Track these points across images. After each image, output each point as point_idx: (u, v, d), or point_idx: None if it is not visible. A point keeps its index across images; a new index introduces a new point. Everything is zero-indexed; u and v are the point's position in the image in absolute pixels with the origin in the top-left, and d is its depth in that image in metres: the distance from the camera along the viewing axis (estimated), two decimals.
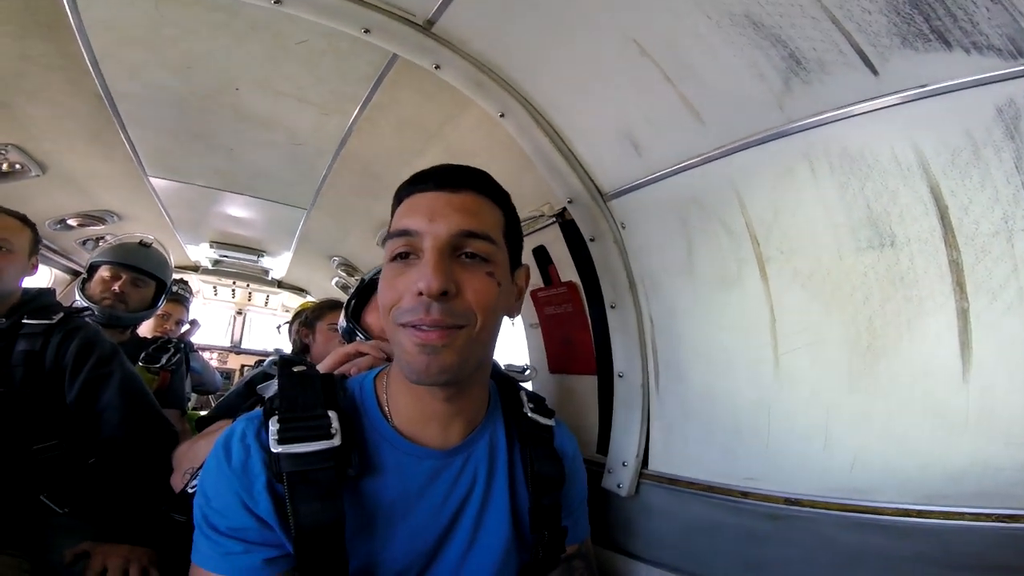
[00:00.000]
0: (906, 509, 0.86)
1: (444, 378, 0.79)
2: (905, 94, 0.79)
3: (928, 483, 0.85)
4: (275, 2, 1.11)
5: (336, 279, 3.59)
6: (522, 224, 1.61)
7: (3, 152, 2.00)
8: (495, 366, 1.12)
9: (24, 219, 1.70)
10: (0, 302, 1.57)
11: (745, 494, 1.07)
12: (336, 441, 0.81)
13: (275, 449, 0.78)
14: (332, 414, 0.83)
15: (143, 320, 2.55)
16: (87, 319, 1.74)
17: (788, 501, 1.00)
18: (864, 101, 0.84)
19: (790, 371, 1.02)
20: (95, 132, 1.87)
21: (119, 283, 2.27)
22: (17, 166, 2.10)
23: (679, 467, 1.23)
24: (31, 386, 1.51)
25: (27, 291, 1.69)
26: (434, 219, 0.79)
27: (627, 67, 1.05)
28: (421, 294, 0.76)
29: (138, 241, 2.40)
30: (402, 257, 0.81)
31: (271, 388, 1.41)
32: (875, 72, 0.81)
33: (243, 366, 5.58)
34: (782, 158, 0.97)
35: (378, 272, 1.65)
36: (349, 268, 3.32)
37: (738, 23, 0.87)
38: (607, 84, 1.12)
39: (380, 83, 1.44)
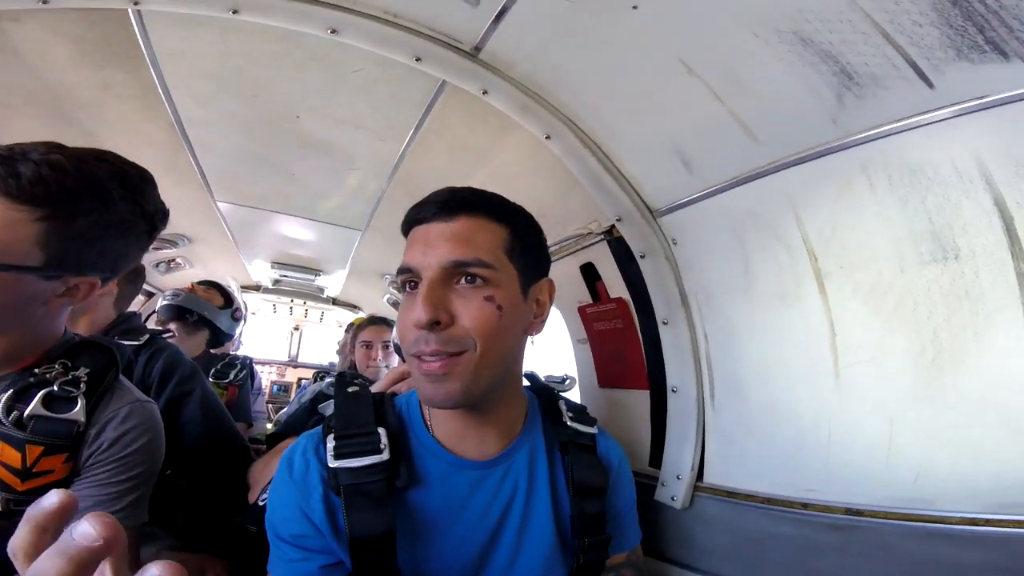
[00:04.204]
0: (973, 518, 0.84)
1: (452, 403, 0.84)
2: (964, 106, 0.78)
3: (998, 492, 0.83)
4: (331, 32, 1.18)
5: (388, 296, 3.71)
6: (569, 241, 1.64)
7: None
8: (534, 378, 1.16)
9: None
10: (97, 326, 1.67)
11: (806, 505, 1.06)
12: (385, 455, 0.87)
13: (332, 464, 0.85)
14: (381, 431, 0.90)
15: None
16: (168, 340, 1.85)
17: (849, 511, 0.99)
18: (921, 114, 0.83)
19: (851, 384, 1.01)
20: (169, 159, 1.97)
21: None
22: None
23: (737, 480, 1.22)
24: None
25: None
26: (427, 252, 0.84)
27: (675, 86, 1.06)
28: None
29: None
30: (410, 287, 0.87)
31: (330, 407, 1.50)
32: (930, 85, 0.79)
33: (300, 379, 5.78)
34: (839, 172, 0.96)
35: None
36: (400, 285, 3.39)
37: (786, 40, 0.87)
38: (655, 103, 1.14)
39: (431, 109, 1.49)
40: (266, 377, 5.53)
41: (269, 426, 3.36)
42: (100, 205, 0.92)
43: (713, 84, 1.01)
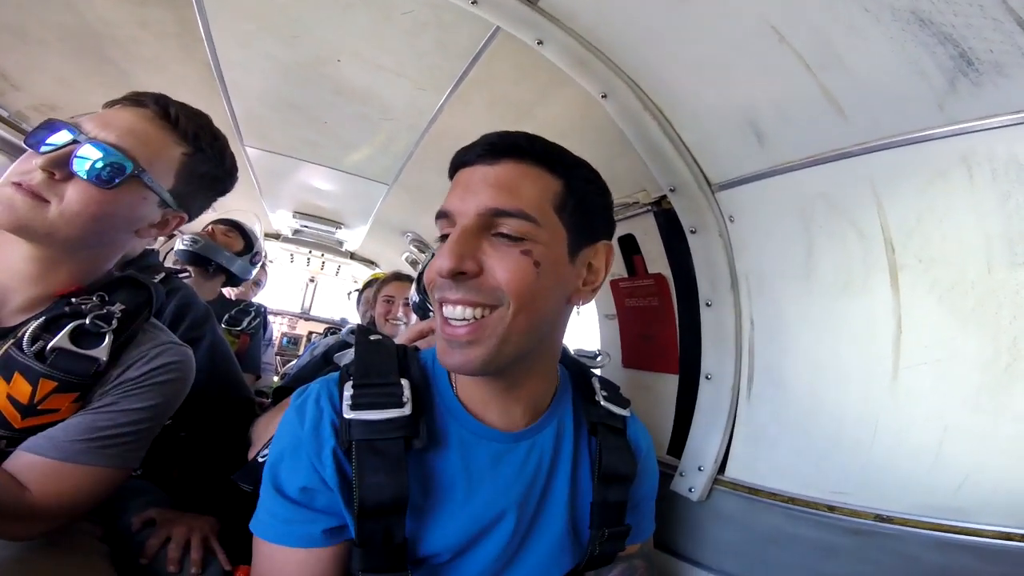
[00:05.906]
0: (1008, 532, 0.80)
1: (472, 370, 0.77)
2: None
3: None
4: None
5: (406, 254, 3.65)
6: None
7: None
8: (565, 352, 1.08)
9: None
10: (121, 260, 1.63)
11: (832, 508, 1.02)
12: (407, 410, 0.80)
13: (347, 415, 0.78)
14: (404, 382, 0.83)
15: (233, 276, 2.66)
16: (184, 280, 1.81)
17: (879, 518, 0.95)
18: None
19: (909, 386, 0.94)
20: (202, 101, 1.90)
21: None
22: None
23: (761, 476, 1.17)
24: None
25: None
26: (465, 197, 0.77)
27: (760, 53, 0.97)
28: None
29: None
30: (444, 238, 0.79)
31: (347, 356, 1.44)
32: None
33: (310, 332, 5.80)
34: (935, 161, 0.87)
35: None
36: (421, 244, 3.36)
37: (901, 18, 0.78)
38: (733, 69, 1.05)
39: (477, 59, 1.40)
40: (277, 328, 5.53)
41: (276, 379, 3.37)
42: (217, 156, 1.09)
43: (805, 55, 0.92)
